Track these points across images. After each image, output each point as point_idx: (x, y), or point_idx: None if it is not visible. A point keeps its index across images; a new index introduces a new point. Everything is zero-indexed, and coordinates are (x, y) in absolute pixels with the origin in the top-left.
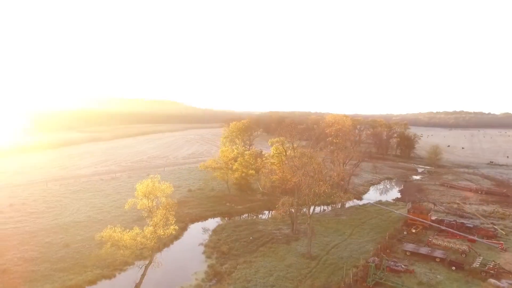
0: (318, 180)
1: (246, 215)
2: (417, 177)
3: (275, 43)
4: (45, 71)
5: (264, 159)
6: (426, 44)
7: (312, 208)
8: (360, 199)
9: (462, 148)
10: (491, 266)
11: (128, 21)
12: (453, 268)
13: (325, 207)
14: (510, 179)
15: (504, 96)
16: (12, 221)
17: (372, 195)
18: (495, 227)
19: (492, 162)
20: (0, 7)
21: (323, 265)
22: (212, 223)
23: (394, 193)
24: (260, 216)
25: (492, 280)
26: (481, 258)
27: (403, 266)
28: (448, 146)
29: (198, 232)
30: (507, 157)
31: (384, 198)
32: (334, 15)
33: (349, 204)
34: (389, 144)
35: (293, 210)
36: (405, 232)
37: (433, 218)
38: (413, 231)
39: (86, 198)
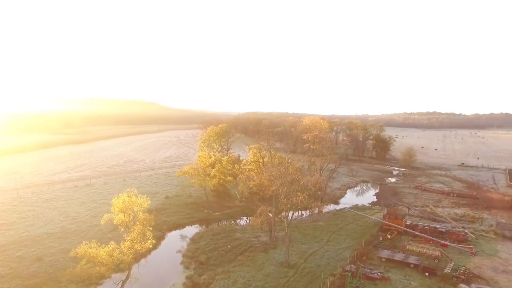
0: (295, 190)
1: (225, 221)
2: (393, 180)
3: (253, 44)
4: (16, 71)
5: (242, 165)
6: (401, 47)
7: (290, 214)
8: (337, 203)
9: (435, 149)
10: (462, 271)
11: (103, 21)
12: (427, 274)
13: (303, 212)
14: (479, 181)
15: (474, 97)
16: None
17: (348, 199)
18: (466, 231)
19: (463, 163)
20: None
21: (301, 274)
22: (190, 231)
23: (370, 197)
24: (238, 221)
25: (462, 285)
26: (453, 263)
27: (378, 273)
28: (422, 147)
29: (176, 241)
30: (478, 158)
31: (360, 202)
32: (310, 17)
33: (326, 208)
34: (365, 146)
35: (271, 214)
36: (380, 238)
37: (408, 223)
38: (389, 236)
39: (60, 206)
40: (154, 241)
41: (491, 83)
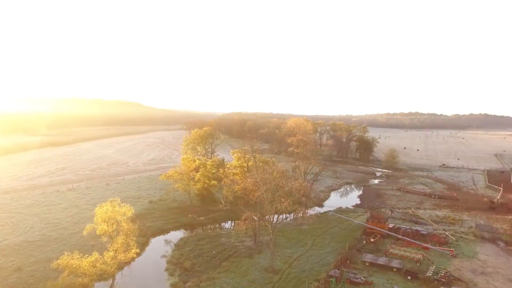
0: (280, 196)
1: (209, 226)
2: (376, 181)
3: (237, 44)
4: None
5: (226, 169)
6: (384, 49)
7: (275, 219)
8: (322, 206)
9: (417, 150)
10: (443, 274)
11: (86, 20)
12: (409, 277)
13: (287, 215)
14: (460, 182)
15: (454, 98)
16: None
17: (333, 202)
18: (446, 233)
19: (444, 164)
20: None
21: (285, 280)
22: (175, 236)
23: (354, 199)
24: (223, 224)
25: None
26: (434, 266)
27: (362, 278)
28: (405, 148)
29: (160, 247)
30: (458, 159)
31: (344, 204)
32: (292, 17)
33: (311, 211)
34: (349, 147)
35: (255, 218)
36: (364, 242)
37: (391, 226)
38: (372, 240)
39: (41, 213)
40: (138, 250)
41: (471, 84)
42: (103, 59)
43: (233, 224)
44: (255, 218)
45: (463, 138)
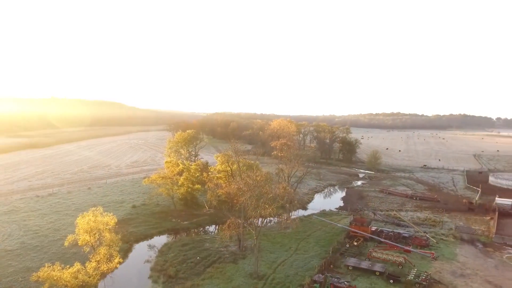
0: (264, 203)
1: (194, 230)
2: (359, 183)
3: (220, 44)
4: None
5: (210, 173)
6: (366, 50)
7: (259, 223)
8: (305, 208)
9: (399, 151)
10: (424, 277)
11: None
12: (391, 281)
13: (271, 218)
14: (440, 183)
15: (435, 98)
16: None
17: (316, 204)
18: (427, 235)
19: (425, 165)
20: None
21: (270, 285)
22: (158, 241)
23: (337, 201)
24: (207, 228)
25: None
26: (416, 269)
27: (346, 282)
28: (387, 149)
29: (144, 253)
30: (439, 160)
31: (328, 206)
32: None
33: (295, 214)
34: (332, 149)
35: (240, 221)
36: (347, 245)
37: (374, 228)
38: (355, 243)
39: (19, 219)
40: (121, 260)
41: (451, 85)
42: (84, 58)
43: (217, 228)
44: (240, 221)
45: (443, 139)
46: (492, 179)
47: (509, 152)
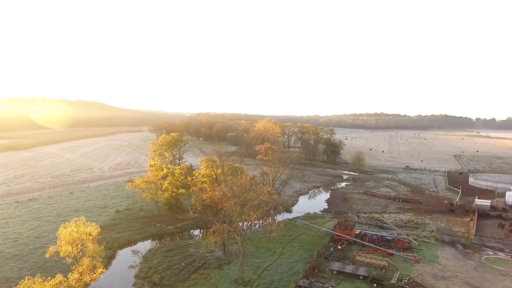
0: (248, 210)
1: (178, 235)
2: (343, 184)
3: (203, 41)
4: None
5: (194, 177)
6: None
7: (244, 225)
8: (290, 211)
9: (383, 151)
10: (406, 281)
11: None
12: (375, 285)
13: (256, 221)
14: (422, 184)
15: (417, 99)
16: None
17: (301, 207)
18: (410, 238)
19: (408, 166)
20: None
21: None
22: (143, 247)
23: (321, 204)
24: (192, 231)
25: None
26: (398, 273)
27: (330, 287)
28: (370, 149)
29: (128, 260)
30: (421, 161)
31: (312, 209)
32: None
33: (279, 217)
34: (316, 150)
35: (224, 226)
36: (332, 249)
37: (357, 232)
38: (339, 247)
39: None
40: (104, 271)
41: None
42: (65, 56)
43: (202, 232)
44: (225, 227)
45: (425, 139)
46: (471, 180)
47: (488, 152)
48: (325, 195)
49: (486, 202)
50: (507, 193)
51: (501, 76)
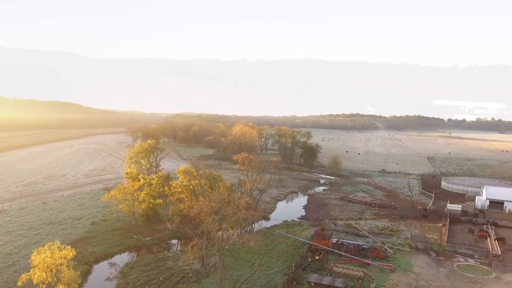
0: (227, 227)
1: (156, 246)
2: (320, 189)
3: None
4: None
5: (172, 188)
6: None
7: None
8: (268, 219)
9: (359, 154)
10: None
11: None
12: None
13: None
14: (397, 188)
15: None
16: None
17: (278, 214)
18: (385, 247)
19: (384, 169)
20: None
21: None
22: (120, 260)
23: (299, 210)
24: (170, 241)
25: None
26: (374, 284)
27: None
28: (347, 151)
29: (104, 276)
30: (397, 164)
31: (290, 216)
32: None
33: (257, 225)
34: (293, 153)
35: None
36: (309, 259)
37: (334, 241)
38: (317, 258)
39: None
40: None
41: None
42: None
43: (179, 242)
44: (203, 242)
45: (400, 140)
46: (444, 184)
47: (459, 154)
48: (303, 200)
49: (457, 207)
50: (476, 197)
51: None
